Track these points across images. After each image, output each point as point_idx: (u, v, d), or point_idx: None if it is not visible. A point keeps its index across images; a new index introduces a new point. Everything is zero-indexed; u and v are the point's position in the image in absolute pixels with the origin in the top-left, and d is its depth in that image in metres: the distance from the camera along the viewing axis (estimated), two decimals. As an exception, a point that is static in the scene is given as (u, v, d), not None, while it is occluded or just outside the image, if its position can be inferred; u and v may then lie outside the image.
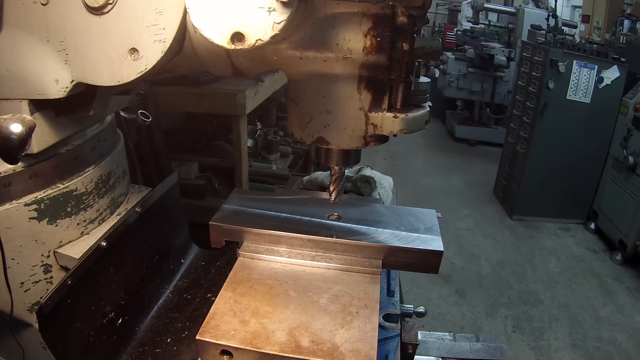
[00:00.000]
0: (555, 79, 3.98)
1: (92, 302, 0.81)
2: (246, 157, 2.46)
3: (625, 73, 3.95)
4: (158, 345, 0.87)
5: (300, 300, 0.78)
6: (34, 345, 0.83)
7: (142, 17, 0.66)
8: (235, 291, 0.79)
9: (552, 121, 4.10)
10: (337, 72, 0.70)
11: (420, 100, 0.77)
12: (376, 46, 0.66)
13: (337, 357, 0.66)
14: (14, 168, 0.78)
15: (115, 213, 1.03)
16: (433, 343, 1.11)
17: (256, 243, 0.91)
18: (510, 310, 3.26)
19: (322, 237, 0.89)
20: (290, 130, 0.81)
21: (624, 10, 6.05)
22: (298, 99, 0.77)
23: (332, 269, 0.87)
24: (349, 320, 0.74)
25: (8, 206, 0.79)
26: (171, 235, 1.07)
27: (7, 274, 0.79)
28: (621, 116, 3.95)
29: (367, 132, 0.75)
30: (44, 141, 0.80)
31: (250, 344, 0.68)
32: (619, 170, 3.86)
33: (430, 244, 0.88)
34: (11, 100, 0.75)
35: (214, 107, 2.33)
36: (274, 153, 3.31)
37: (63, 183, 0.87)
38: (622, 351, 2.94)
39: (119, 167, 1.04)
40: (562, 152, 4.18)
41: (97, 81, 0.72)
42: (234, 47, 0.57)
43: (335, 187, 0.88)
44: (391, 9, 0.64)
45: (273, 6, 0.55)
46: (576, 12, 8.53)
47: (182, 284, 1.04)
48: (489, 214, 4.58)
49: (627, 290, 3.55)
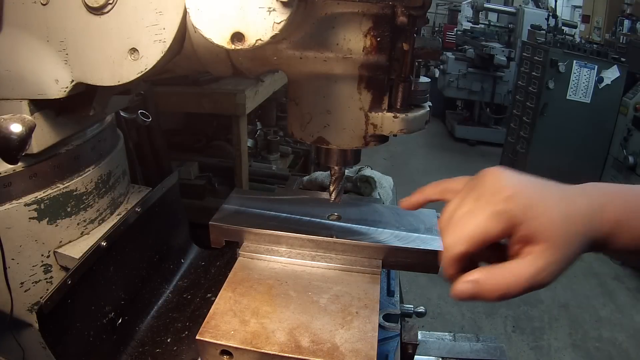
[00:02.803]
0: (555, 79, 3.99)
1: (92, 302, 0.81)
2: (246, 157, 2.45)
3: (625, 73, 3.95)
4: (158, 345, 0.87)
5: (300, 300, 0.78)
6: (34, 345, 0.83)
7: (142, 17, 0.66)
8: (235, 291, 0.79)
9: (552, 121, 4.10)
10: (337, 72, 0.70)
11: (420, 100, 0.77)
12: (376, 46, 0.66)
13: (337, 357, 0.66)
14: (14, 168, 0.78)
15: (115, 213, 1.03)
16: (433, 343, 1.11)
17: (256, 243, 0.91)
18: (510, 310, 3.25)
19: (322, 237, 0.89)
20: (290, 130, 0.81)
21: (624, 10, 6.04)
22: (298, 99, 0.77)
23: (332, 269, 0.87)
24: (349, 320, 0.74)
25: (8, 206, 0.79)
26: (171, 235, 1.07)
27: (7, 274, 0.79)
28: (621, 116, 3.96)
29: (367, 132, 0.75)
30: (44, 141, 0.80)
31: (250, 344, 0.68)
32: (619, 170, 3.86)
33: (430, 244, 0.88)
34: (11, 100, 0.75)
35: (214, 107, 2.33)
36: (274, 153, 3.31)
37: (63, 183, 0.87)
38: (622, 351, 2.94)
39: (119, 167, 1.04)
40: (562, 152, 4.18)
41: (97, 81, 0.72)
42: (234, 47, 0.57)
43: (335, 187, 0.88)
44: (391, 9, 0.64)
45: (273, 6, 0.55)
46: (576, 12, 8.54)
47: (182, 284, 1.04)
48: (489, 214, 4.57)
49: (627, 290, 3.55)
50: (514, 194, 0.56)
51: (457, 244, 0.56)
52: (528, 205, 0.55)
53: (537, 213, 0.55)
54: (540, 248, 0.54)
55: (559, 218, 0.55)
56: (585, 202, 0.59)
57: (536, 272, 0.54)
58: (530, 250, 0.55)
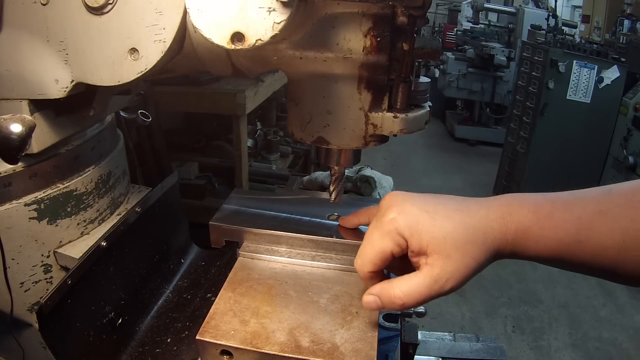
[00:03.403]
0: (555, 79, 3.98)
1: (92, 302, 0.81)
2: (246, 157, 2.46)
3: (625, 73, 3.95)
4: (158, 345, 0.87)
5: (300, 300, 0.78)
6: (34, 345, 0.83)
7: (142, 17, 0.66)
8: (235, 291, 0.79)
9: (552, 121, 4.10)
10: (337, 72, 0.70)
11: (421, 100, 0.77)
12: (376, 46, 0.66)
13: (337, 357, 0.66)
14: (14, 168, 0.78)
15: (115, 213, 1.04)
16: (433, 343, 1.11)
17: (256, 243, 0.91)
18: (510, 310, 3.26)
19: (322, 237, 0.89)
20: (290, 130, 0.81)
21: (624, 10, 6.04)
22: (298, 99, 0.76)
23: (332, 269, 0.87)
24: (349, 320, 0.74)
25: (8, 206, 0.79)
26: (171, 235, 1.07)
27: (7, 274, 0.79)
28: (621, 116, 3.95)
29: (367, 132, 0.75)
30: (44, 141, 0.80)
31: (250, 344, 0.68)
32: (619, 170, 3.86)
33: (430, 244, 0.88)
34: (11, 100, 0.75)
35: (214, 107, 2.33)
36: (274, 153, 3.31)
37: (63, 183, 0.87)
38: (622, 351, 2.94)
39: (119, 167, 1.04)
40: (562, 152, 4.18)
41: (97, 81, 0.72)
42: (234, 47, 0.57)
43: (335, 187, 0.88)
44: (391, 9, 0.64)
45: (273, 6, 0.55)
46: (576, 12, 8.54)
47: (182, 284, 1.04)
48: (489, 214, 4.57)
49: (627, 290, 3.55)
50: (399, 214, 0.63)
51: (364, 266, 0.65)
52: (413, 222, 0.61)
53: (422, 228, 0.61)
54: (431, 259, 0.60)
55: (443, 230, 0.60)
56: (483, 212, 0.62)
57: (432, 281, 0.59)
58: (425, 261, 0.61)
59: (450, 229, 0.60)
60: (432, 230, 0.60)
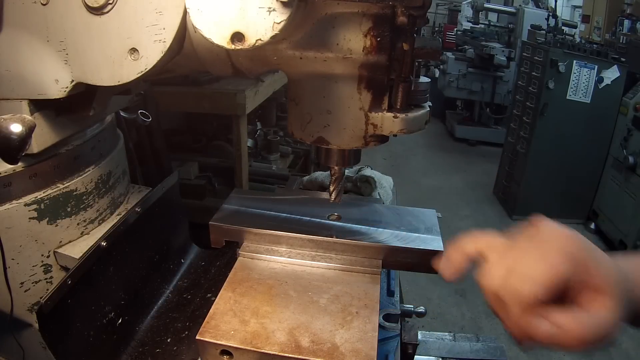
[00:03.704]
0: (555, 79, 3.98)
1: (92, 302, 0.81)
2: (246, 157, 2.46)
3: (625, 73, 3.94)
4: (158, 345, 0.87)
5: (300, 300, 0.78)
6: (34, 345, 0.83)
7: (142, 17, 0.66)
8: (235, 291, 0.79)
9: (552, 121, 4.10)
10: (337, 72, 0.70)
11: (420, 100, 0.77)
12: (376, 46, 0.66)
13: (337, 357, 0.66)
14: (14, 168, 0.78)
15: (115, 213, 1.03)
16: (433, 343, 1.11)
17: (256, 243, 0.91)
18: (510, 310, 3.25)
19: (322, 237, 0.89)
20: (290, 130, 0.81)
21: (624, 10, 6.04)
22: (298, 99, 0.77)
23: (332, 269, 0.87)
24: (349, 320, 0.74)
25: (8, 206, 0.79)
26: (171, 235, 1.07)
27: (7, 274, 0.79)
28: (621, 116, 3.95)
29: (367, 132, 0.75)
30: (44, 141, 0.80)
31: (250, 344, 0.68)
32: (619, 170, 3.86)
33: (431, 244, 0.88)
34: (11, 100, 0.75)
35: (214, 107, 2.33)
36: (274, 153, 3.31)
37: (63, 183, 0.87)
38: (622, 351, 2.94)
39: (119, 167, 1.04)
40: (562, 152, 4.17)
41: (97, 81, 0.72)
42: (234, 47, 0.57)
43: (335, 187, 0.88)
44: (391, 9, 0.64)
45: (273, 6, 0.55)
46: (576, 12, 8.54)
47: (182, 284, 1.04)
48: (489, 214, 4.58)
49: (627, 290, 3.55)
50: (575, 236, 0.54)
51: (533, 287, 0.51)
52: (591, 248, 0.54)
53: (600, 259, 0.53)
54: (608, 299, 0.51)
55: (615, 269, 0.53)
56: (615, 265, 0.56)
57: (614, 322, 0.50)
58: (602, 299, 0.51)
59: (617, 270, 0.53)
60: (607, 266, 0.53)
